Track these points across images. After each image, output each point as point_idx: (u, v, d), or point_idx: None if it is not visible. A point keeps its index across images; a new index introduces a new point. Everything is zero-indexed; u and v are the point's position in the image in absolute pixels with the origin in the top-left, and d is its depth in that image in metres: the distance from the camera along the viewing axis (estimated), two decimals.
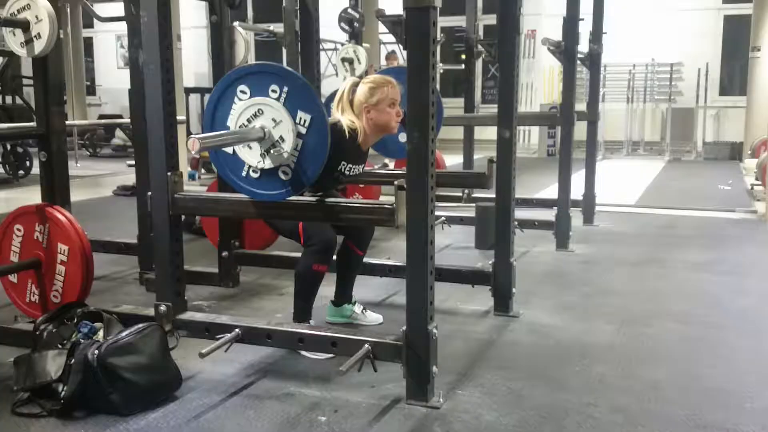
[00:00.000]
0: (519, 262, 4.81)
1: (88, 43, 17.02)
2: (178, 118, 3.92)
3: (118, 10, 4.42)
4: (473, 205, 5.47)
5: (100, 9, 4.66)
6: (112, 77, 16.95)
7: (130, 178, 9.17)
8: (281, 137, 2.63)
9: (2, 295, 3.44)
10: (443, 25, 14.97)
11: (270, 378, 2.90)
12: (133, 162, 9.75)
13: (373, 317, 3.55)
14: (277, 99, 2.64)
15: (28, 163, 9.27)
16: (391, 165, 9.94)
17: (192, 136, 2.47)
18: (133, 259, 4.51)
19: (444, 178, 4.20)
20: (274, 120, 2.64)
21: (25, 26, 2.95)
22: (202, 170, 9.70)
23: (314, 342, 2.78)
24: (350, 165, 3.23)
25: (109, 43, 17.12)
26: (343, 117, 3.20)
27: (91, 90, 17.24)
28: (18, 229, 3.10)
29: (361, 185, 4.96)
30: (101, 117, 15.80)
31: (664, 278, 4.48)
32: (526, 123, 6.73)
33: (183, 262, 3.01)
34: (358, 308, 3.56)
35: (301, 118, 2.63)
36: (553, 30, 5.22)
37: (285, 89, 2.63)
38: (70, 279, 3.03)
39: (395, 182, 2.60)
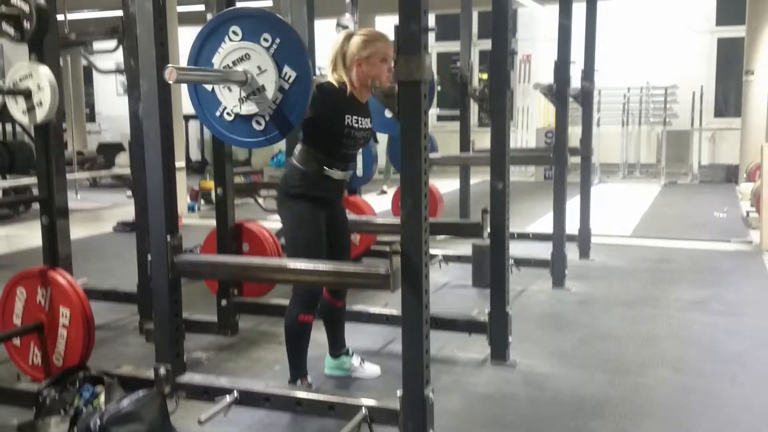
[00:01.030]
0: (516, 302, 4.90)
1: (88, 70, 17.13)
2: (180, 164, 4.00)
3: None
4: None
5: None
6: (112, 104, 17.04)
7: (129, 211, 9.24)
8: (263, 86, 2.64)
9: (3, 353, 3.48)
10: (440, 51, 15.20)
11: None
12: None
13: (371, 370, 3.59)
14: (267, 48, 2.64)
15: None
16: (390, 191, 10.02)
17: (170, 65, 2.46)
18: (132, 306, 4.56)
19: (439, 227, 4.27)
20: (259, 68, 2.64)
21: (27, 94, 3.01)
22: (202, 201, 9.77)
23: (312, 405, 2.82)
24: (356, 117, 3.15)
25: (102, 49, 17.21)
26: (331, 76, 3.17)
27: (91, 117, 17.34)
28: (21, 292, 3.15)
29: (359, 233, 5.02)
30: (101, 145, 15.93)
31: (658, 319, 4.52)
32: (520, 162, 6.77)
33: (182, 323, 3.05)
34: (356, 360, 3.59)
35: (286, 73, 2.63)
36: (548, 54, 5.27)
37: (277, 40, 2.63)
38: (71, 342, 3.08)
39: (390, 246, 2.65)
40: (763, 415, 3.14)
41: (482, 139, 8.78)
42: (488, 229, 3.70)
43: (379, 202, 9.33)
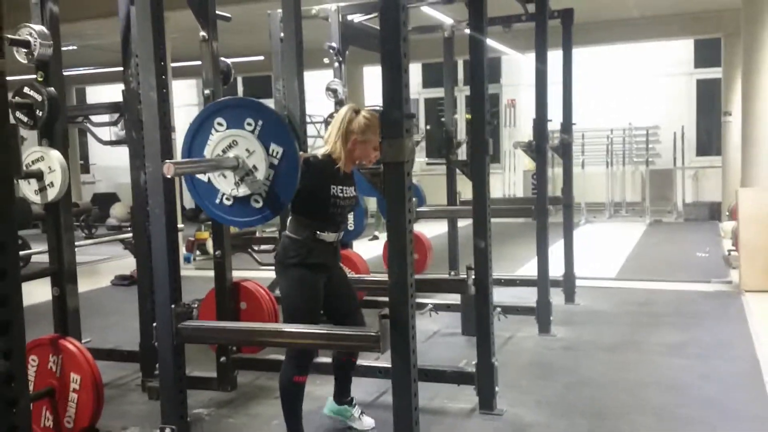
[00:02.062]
0: (503, 350, 5.11)
1: None
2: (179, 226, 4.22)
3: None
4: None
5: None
6: (106, 155, 17.29)
7: (127, 263, 9.43)
8: (254, 166, 2.87)
9: None
10: (428, 97, 15.58)
11: None
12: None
13: (367, 422, 3.77)
14: (252, 131, 2.86)
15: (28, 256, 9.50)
16: (382, 237, 10.22)
17: (167, 161, 2.68)
18: (134, 364, 4.74)
19: (426, 285, 4.49)
20: (248, 150, 2.87)
21: (39, 176, 3.25)
22: (197, 252, 9.97)
23: None
24: (341, 186, 3.34)
25: (102, 121, 17.49)
26: (326, 145, 3.38)
27: (85, 168, 17.59)
28: (33, 360, 3.35)
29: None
30: (95, 195, 16.16)
31: (639, 365, 4.74)
32: (503, 215, 7.02)
33: (186, 386, 3.26)
34: (356, 411, 3.77)
35: (273, 150, 2.86)
36: (532, 98, 5.52)
37: (260, 122, 2.87)
38: (82, 405, 3.27)
39: (379, 313, 2.87)
40: None
41: (468, 184, 8.98)
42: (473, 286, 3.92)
43: (372, 248, 9.57)
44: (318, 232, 3.35)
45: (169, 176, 2.73)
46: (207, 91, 4.33)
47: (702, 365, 4.66)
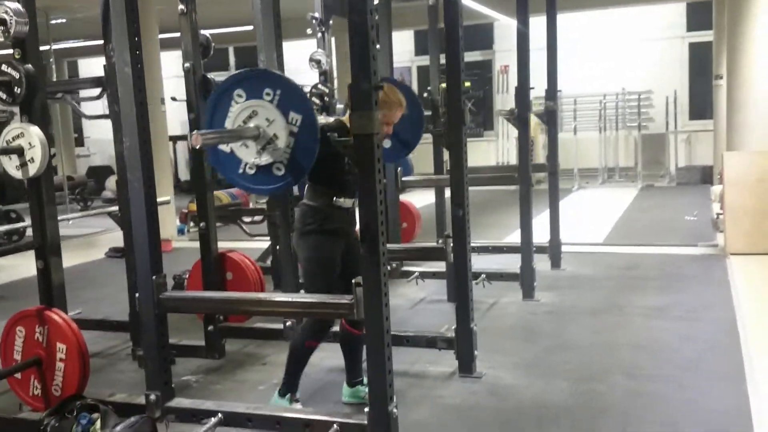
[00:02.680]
0: (486, 316, 5.21)
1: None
2: (163, 198, 4.29)
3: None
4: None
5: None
6: (100, 128, 17.26)
7: (120, 236, 9.51)
8: (275, 135, 2.90)
9: (5, 385, 3.75)
10: (420, 65, 15.51)
11: None
12: None
13: None
14: (271, 101, 2.90)
15: (22, 228, 9.58)
16: None
17: (194, 132, 2.73)
18: (125, 334, 4.83)
19: (407, 253, 4.57)
20: (267, 119, 2.90)
21: (19, 152, 3.30)
22: (191, 223, 10.04)
23: (290, 424, 3.10)
24: None
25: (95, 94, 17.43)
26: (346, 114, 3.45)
27: (80, 141, 17.60)
28: (20, 331, 3.43)
29: None
30: (90, 168, 16.20)
31: (620, 327, 4.83)
32: (485, 183, 7.08)
33: (169, 354, 3.34)
34: None
35: (293, 118, 2.89)
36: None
37: (278, 92, 2.90)
38: (68, 374, 3.36)
39: (353, 280, 2.95)
40: (703, 418, 3.43)
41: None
42: (451, 254, 3.99)
43: None
44: (335, 198, 3.43)
45: (197, 147, 2.77)
46: (187, 64, 4.38)
47: (682, 327, 4.76)
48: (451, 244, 3.98)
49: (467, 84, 15.80)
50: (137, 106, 3.15)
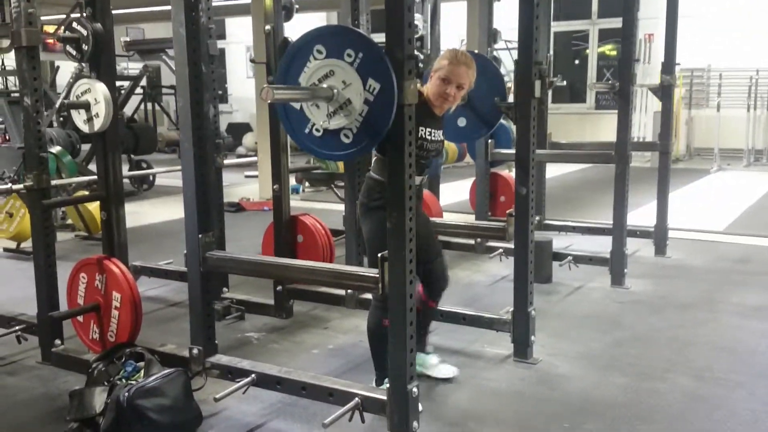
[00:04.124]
0: (565, 300, 5.00)
1: (221, 53, 18.17)
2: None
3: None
4: None
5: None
6: (243, 86, 17.99)
7: (242, 191, 9.91)
8: (349, 100, 2.73)
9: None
10: (558, 30, 14.93)
11: (282, 419, 3.28)
12: (249, 173, 10.38)
13: (447, 370, 3.68)
14: (351, 63, 2.72)
15: (151, 177, 10.19)
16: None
17: (265, 86, 2.59)
18: None
19: (465, 230, 4.44)
20: (344, 82, 2.72)
21: (86, 107, 3.47)
22: (306, 183, 10.28)
23: (314, 390, 3.12)
24: (429, 129, 3.31)
25: (240, 54, 18.13)
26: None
27: (223, 99, 18.40)
28: (83, 277, 3.65)
29: None
30: (230, 125, 16.95)
31: (706, 325, 4.48)
32: (580, 161, 6.72)
33: (213, 310, 3.45)
34: (434, 359, 3.71)
35: (371, 86, 2.69)
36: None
37: (360, 55, 2.70)
38: (122, 323, 3.54)
39: (379, 254, 2.89)
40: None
41: (598, 125, 8.29)
42: (512, 234, 3.83)
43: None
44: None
45: (268, 101, 2.66)
46: (268, 27, 4.42)
47: None
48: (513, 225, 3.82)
49: (613, 52, 15.10)
50: (191, 66, 3.22)
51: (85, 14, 3.42)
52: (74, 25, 3.42)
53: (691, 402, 3.41)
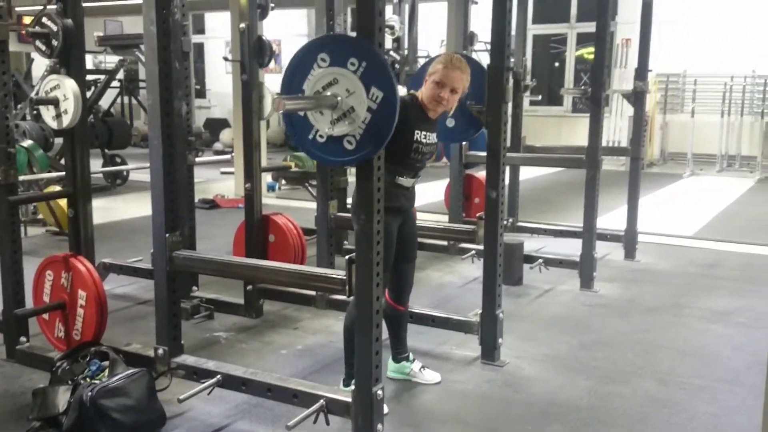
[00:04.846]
0: (535, 302, 5.04)
1: (198, 47, 18.05)
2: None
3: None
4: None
5: None
6: (221, 81, 17.86)
7: (217, 188, 9.87)
8: (352, 108, 2.75)
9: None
10: (537, 33, 15.02)
11: (247, 420, 3.28)
12: (225, 170, 10.32)
13: (431, 376, 3.70)
14: (354, 72, 2.74)
15: (125, 172, 10.11)
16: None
17: (278, 97, 2.64)
18: None
19: (436, 232, 4.46)
20: (347, 90, 2.75)
21: (55, 103, 3.44)
22: (282, 181, 10.26)
23: (279, 392, 3.12)
24: (424, 132, 3.35)
25: (219, 50, 18.01)
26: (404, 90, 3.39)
27: (201, 93, 18.29)
28: (49, 274, 3.62)
29: None
30: (208, 120, 16.86)
31: (672, 329, 4.54)
32: (553, 165, 6.77)
33: (179, 310, 3.43)
34: (416, 366, 3.72)
35: (374, 94, 2.72)
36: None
37: (364, 63, 2.72)
38: (87, 321, 3.52)
39: (346, 257, 2.90)
40: None
41: (575, 128, 8.29)
42: (481, 236, 3.86)
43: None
44: (397, 177, 3.35)
45: (279, 112, 2.71)
46: (242, 25, 4.40)
47: (739, 335, 4.41)
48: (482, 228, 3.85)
49: (591, 56, 15.20)
50: (161, 63, 3.20)
51: (56, 9, 3.39)
52: (44, 20, 3.39)
53: (653, 405, 3.45)
